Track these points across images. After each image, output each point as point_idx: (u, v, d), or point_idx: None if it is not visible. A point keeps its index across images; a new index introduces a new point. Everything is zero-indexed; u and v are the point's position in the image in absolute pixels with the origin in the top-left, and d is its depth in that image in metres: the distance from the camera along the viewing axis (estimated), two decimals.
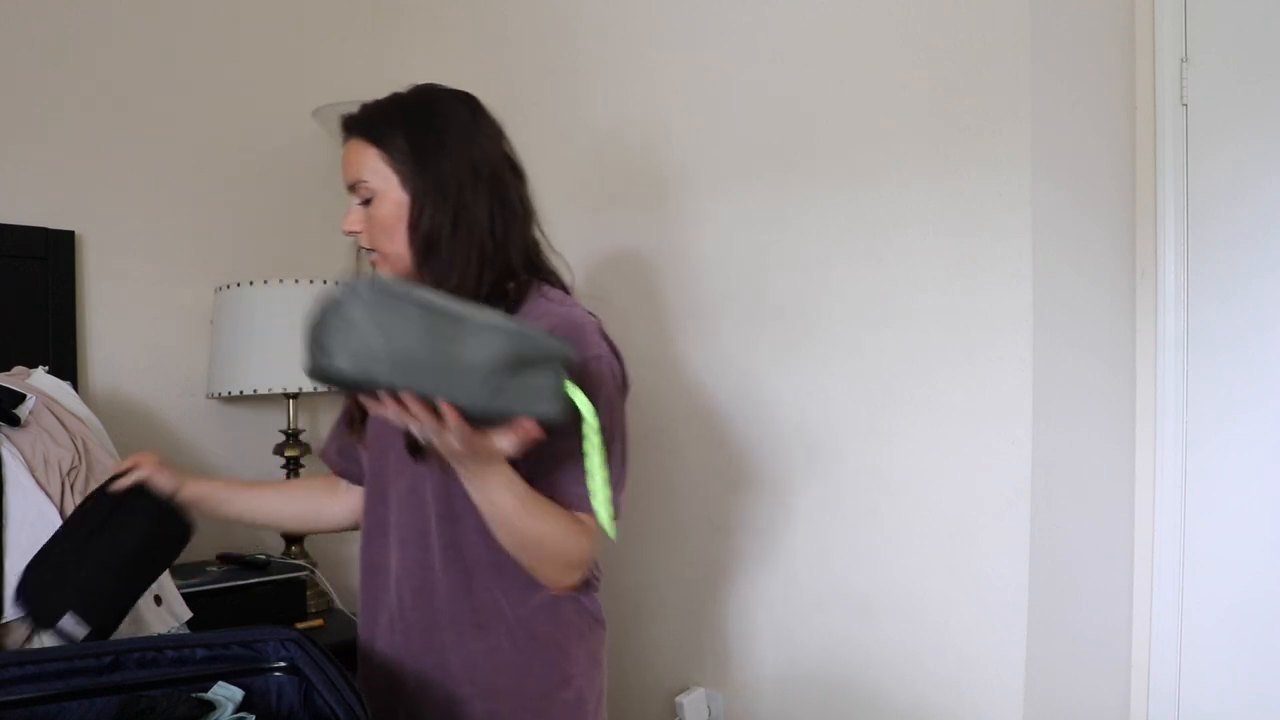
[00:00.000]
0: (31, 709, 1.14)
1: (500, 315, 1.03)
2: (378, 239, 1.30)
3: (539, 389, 0.98)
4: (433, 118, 1.31)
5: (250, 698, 1.22)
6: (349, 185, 1.32)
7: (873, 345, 1.73)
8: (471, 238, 1.26)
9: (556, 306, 1.27)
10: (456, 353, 0.93)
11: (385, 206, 1.29)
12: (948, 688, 1.65)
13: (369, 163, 1.30)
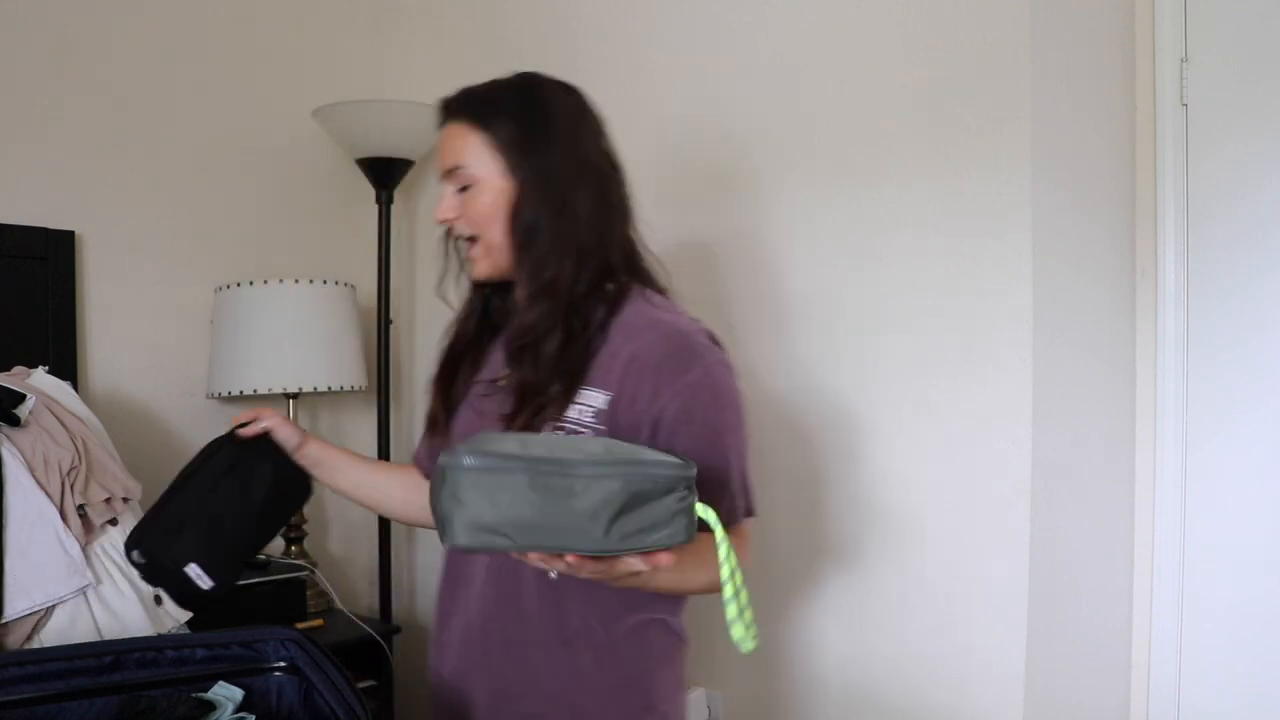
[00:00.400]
0: (32, 709, 1.14)
1: (611, 447, 0.99)
2: (477, 229, 1.25)
3: (661, 519, 0.95)
4: (540, 106, 1.25)
5: (250, 698, 1.22)
6: (446, 170, 1.26)
7: (873, 345, 1.73)
8: (573, 232, 1.22)
9: (661, 314, 1.22)
10: (569, 507, 0.91)
11: (485, 195, 1.24)
12: (948, 687, 1.65)
13: (471, 148, 1.24)
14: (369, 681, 2.14)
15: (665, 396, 1.16)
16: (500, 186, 1.22)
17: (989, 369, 1.60)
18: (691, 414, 1.16)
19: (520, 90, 1.25)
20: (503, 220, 1.23)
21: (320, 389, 2.14)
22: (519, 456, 0.92)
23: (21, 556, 1.44)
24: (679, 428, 1.16)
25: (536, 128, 1.23)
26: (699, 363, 1.18)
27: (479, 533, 0.92)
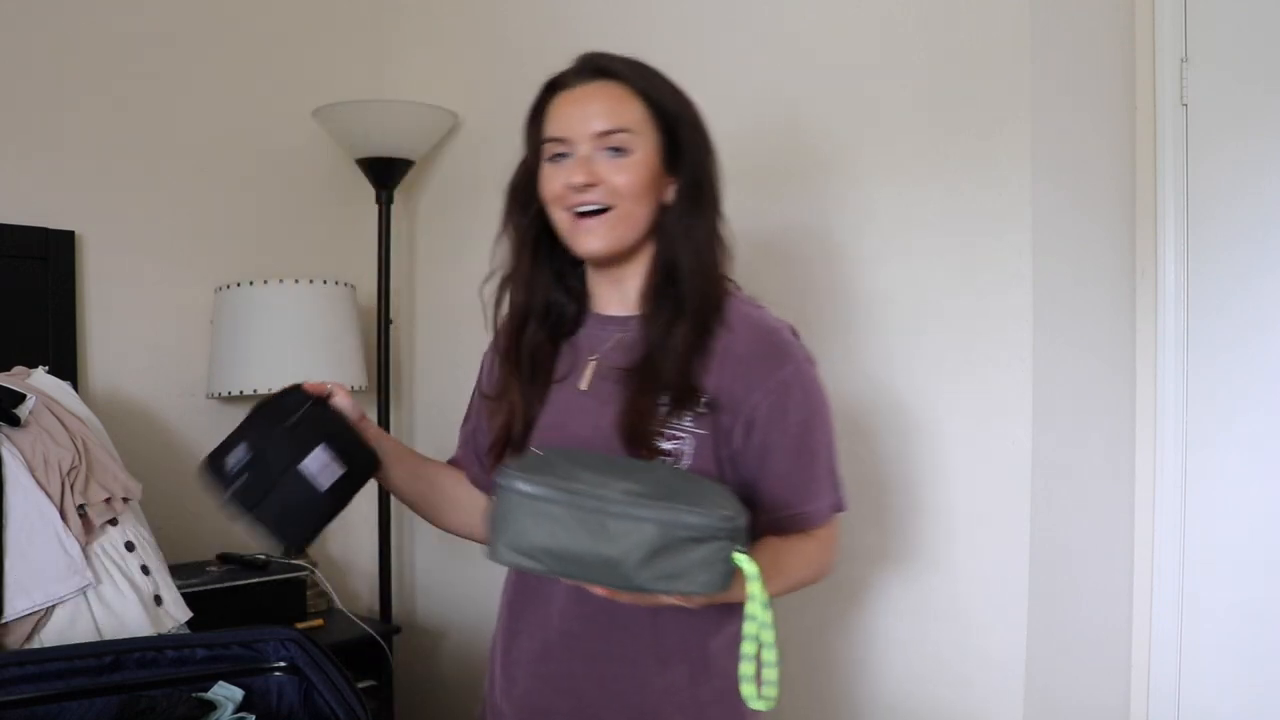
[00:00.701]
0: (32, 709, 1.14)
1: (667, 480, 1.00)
2: (620, 198, 1.14)
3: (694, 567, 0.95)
4: (687, 96, 1.20)
5: (250, 698, 1.22)
6: (600, 131, 1.14)
7: (872, 345, 1.73)
8: (720, 239, 1.19)
9: (754, 311, 1.20)
10: (602, 545, 0.93)
11: (643, 170, 1.15)
12: (948, 687, 1.65)
13: (634, 115, 1.15)
14: (369, 681, 2.14)
15: (758, 394, 1.14)
16: (657, 169, 1.16)
17: (989, 369, 1.60)
18: (785, 412, 1.15)
19: (668, 80, 1.20)
20: (650, 204, 1.16)
21: None
22: (564, 488, 0.93)
23: (21, 556, 1.44)
24: (772, 426, 1.15)
25: (696, 124, 1.19)
26: (790, 360, 1.16)
27: (517, 554, 0.94)
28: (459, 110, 2.40)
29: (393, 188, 2.37)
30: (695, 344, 1.14)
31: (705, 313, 1.16)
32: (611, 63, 1.17)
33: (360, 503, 2.66)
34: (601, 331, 1.22)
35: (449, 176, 2.51)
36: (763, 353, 1.16)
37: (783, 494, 1.17)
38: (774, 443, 1.15)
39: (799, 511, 1.18)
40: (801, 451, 1.17)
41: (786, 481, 1.17)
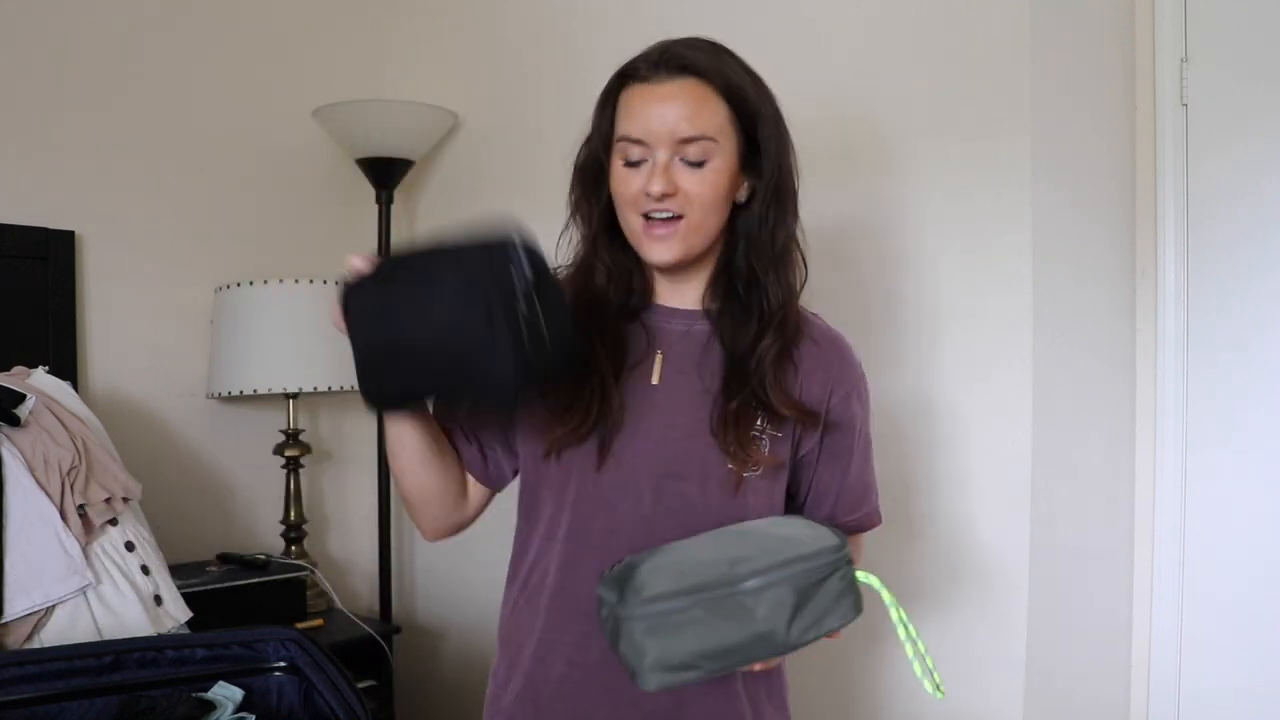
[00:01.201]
0: (32, 709, 1.14)
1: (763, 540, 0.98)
2: (695, 208, 1.08)
3: (831, 602, 0.97)
4: (769, 93, 1.13)
5: (250, 697, 1.22)
6: (683, 138, 1.07)
7: (872, 345, 1.73)
8: (796, 224, 1.16)
9: (819, 322, 1.22)
10: (749, 625, 0.92)
11: (723, 178, 1.09)
12: (949, 684, 1.65)
13: (717, 121, 1.08)
14: (369, 681, 2.14)
15: (834, 399, 1.17)
16: (735, 172, 1.10)
17: (989, 369, 1.60)
18: (855, 417, 1.19)
19: (747, 69, 1.13)
20: (723, 210, 1.11)
21: (320, 389, 2.14)
22: (690, 590, 0.92)
23: (21, 557, 1.44)
24: (846, 431, 1.18)
25: (776, 119, 1.13)
26: (857, 367, 1.20)
27: (671, 673, 0.92)
28: (459, 110, 2.40)
29: (393, 188, 2.37)
30: (783, 354, 1.14)
31: (793, 324, 1.15)
32: (694, 57, 1.10)
33: (361, 502, 2.67)
34: (666, 324, 1.17)
35: (449, 176, 2.50)
36: (837, 361, 1.18)
37: (850, 499, 1.23)
38: (846, 447, 1.19)
39: (863, 514, 1.25)
40: (860, 460, 1.22)
41: (856, 485, 1.22)
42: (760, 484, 1.14)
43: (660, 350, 1.16)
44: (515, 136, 2.29)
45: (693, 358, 1.15)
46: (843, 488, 1.22)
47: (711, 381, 1.13)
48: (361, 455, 2.53)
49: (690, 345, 1.15)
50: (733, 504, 1.12)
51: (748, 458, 1.11)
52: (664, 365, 1.15)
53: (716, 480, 1.12)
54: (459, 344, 0.98)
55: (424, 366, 1.03)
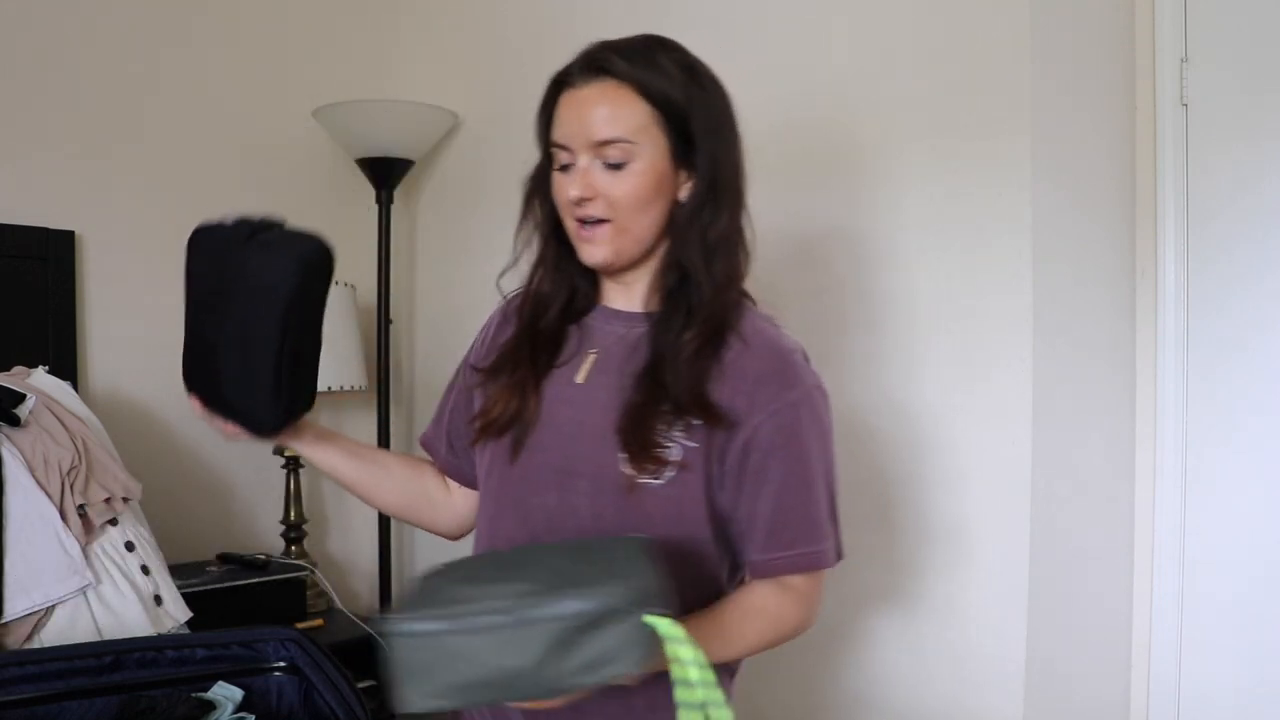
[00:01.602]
0: (32, 709, 1.14)
1: (553, 584, 0.89)
2: (623, 211, 1.08)
3: (617, 647, 0.86)
4: (712, 86, 1.11)
5: (250, 697, 1.22)
6: (596, 141, 1.07)
7: (872, 346, 1.73)
8: (740, 238, 1.12)
9: (769, 329, 1.12)
10: (510, 660, 0.86)
11: (646, 177, 1.07)
12: (948, 685, 1.65)
13: (635, 120, 1.06)
14: (369, 681, 2.14)
15: (761, 415, 1.06)
16: (665, 170, 1.08)
17: (989, 369, 1.60)
18: (788, 439, 1.06)
19: (686, 63, 1.11)
20: (656, 211, 1.09)
21: (320, 389, 2.14)
22: (449, 615, 0.86)
23: (21, 556, 1.44)
24: (772, 453, 1.06)
25: (714, 111, 1.10)
26: (800, 385, 1.08)
27: (430, 698, 0.87)
28: (459, 110, 2.40)
29: (393, 188, 2.37)
30: (703, 351, 1.08)
31: (716, 319, 1.09)
32: (612, 57, 1.09)
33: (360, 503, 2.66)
34: (606, 325, 1.17)
35: (449, 176, 2.51)
36: (773, 372, 1.08)
37: (783, 534, 1.08)
38: (771, 472, 1.07)
39: (797, 553, 1.08)
40: (800, 486, 1.08)
41: (787, 518, 1.08)
42: (665, 492, 1.06)
43: (595, 351, 1.15)
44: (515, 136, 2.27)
45: (621, 359, 1.12)
46: (770, 519, 1.07)
47: (628, 381, 1.10)
48: None
49: (624, 347, 1.14)
50: (628, 510, 1.06)
51: (646, 461, 1.05)
52: (593, 366, 1.14)
53: (610, 483, 1.07)
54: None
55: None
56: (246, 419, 1.16)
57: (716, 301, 1.10)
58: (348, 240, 2.50)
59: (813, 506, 1.09)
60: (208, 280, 1.21)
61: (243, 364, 1.14)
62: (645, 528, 1.06)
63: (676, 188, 1.11)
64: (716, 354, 1.08)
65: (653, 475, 1.05)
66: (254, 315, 1.16)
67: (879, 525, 1.73)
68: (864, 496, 1.74)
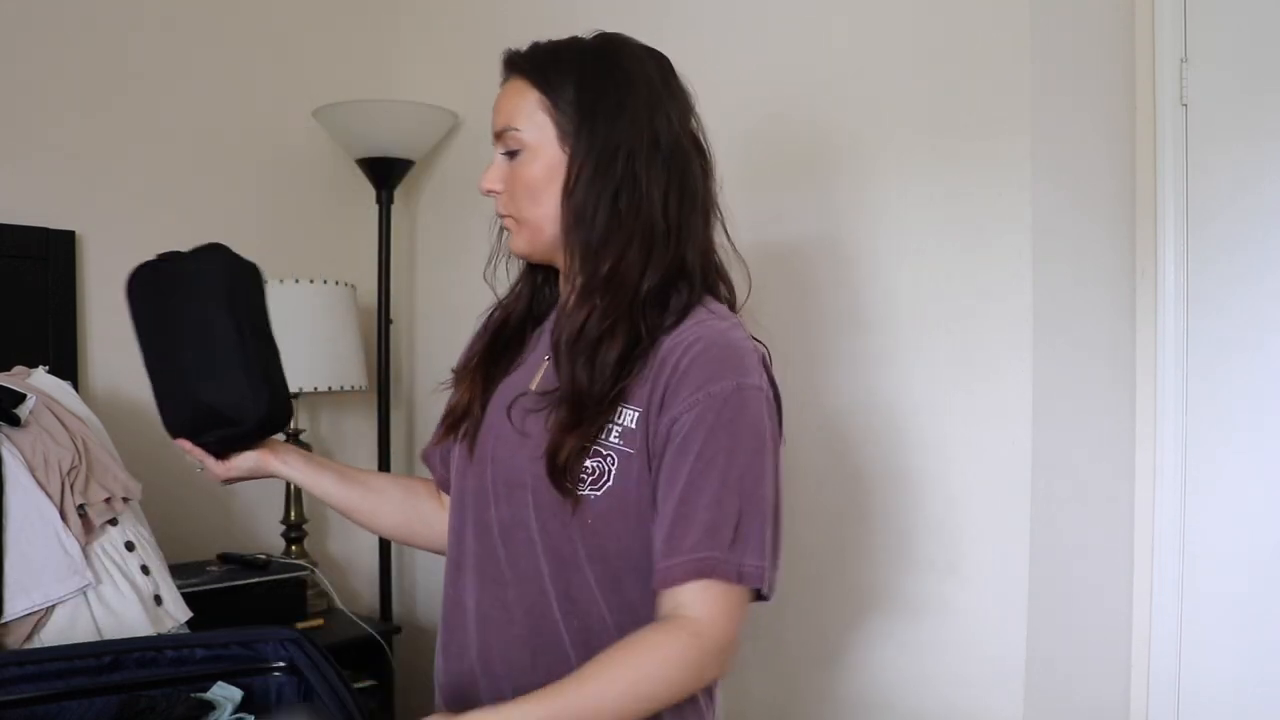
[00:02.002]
0: (31, 709, 1.14)
1: None
2: (520, 201, 1.09)
3: None
4: (614, 70, 1.09)
5: (250, 698, 1.22)
6: (496, 132, 1.10)
7: (872, 346, 1.73)
8: (639, 217, 1.03)
9: (716, 321, 1.04)
10: None
11: (535, 164, 1.07)
12: (948, 685, 1.65)
13: (525, 108, 1.08)
14: (369, 681, 2.14)
15: (682, 404, 0.98)
16: (554, 157, 1.07)
17: (989, 369, 1.60)
18: (705, 433, 0.97)
19: (595, 50, 1.11)
20: (554, 195, 1.07)
21: (320, 389, 2.14)
22: None
23: (21, 556, 1.44)
24: (687, 447, 0.97)
25: (606, 93, 1.06)
26: (731, 375, 0.99)
27: None
28: (459, 110, 2.40)
29: (393, 188, 2.37)
30: (607, 349, 1.01)
31: (619, 307, 1.02)
32: (515, 56, 1.13)
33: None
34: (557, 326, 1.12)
35: (449, 176, 2.51)
36: (703, 361, 1.00)
37: (671, 535, 0.97)
38: (681, 466, 0.97)
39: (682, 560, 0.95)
40: (705, 485, 0.97)
41: (680, 519, 0.97)
42: (606, 503, 1.01)
43: (549, 356, 1.10)
44: None
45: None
46: (671, 520, 0.97)
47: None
48: (361, 455, 2.53)
49: None
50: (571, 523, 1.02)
51: (560, 476, 0.99)
52: (545, 372, 1.11)
53: (548, 497, 1.02)
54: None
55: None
56: (236, 413, 1.18)
57: (609, 286, 1.03)
58: (348, 240, 2.51)
59: (714, 509, 0.96)
60: (152, 310, 1.24)
61: (210, 362, 1.18)
62: (591, 539, 1.02)
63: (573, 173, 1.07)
64: (633, 348, 1.02)
65: (590, 487, 1.01)
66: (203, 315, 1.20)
67: (879, 525, 1.73)
68: (863, 497, 1.74)
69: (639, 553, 1.02)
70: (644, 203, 1.04)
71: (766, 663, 1.87)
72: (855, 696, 1.76)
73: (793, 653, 1.84)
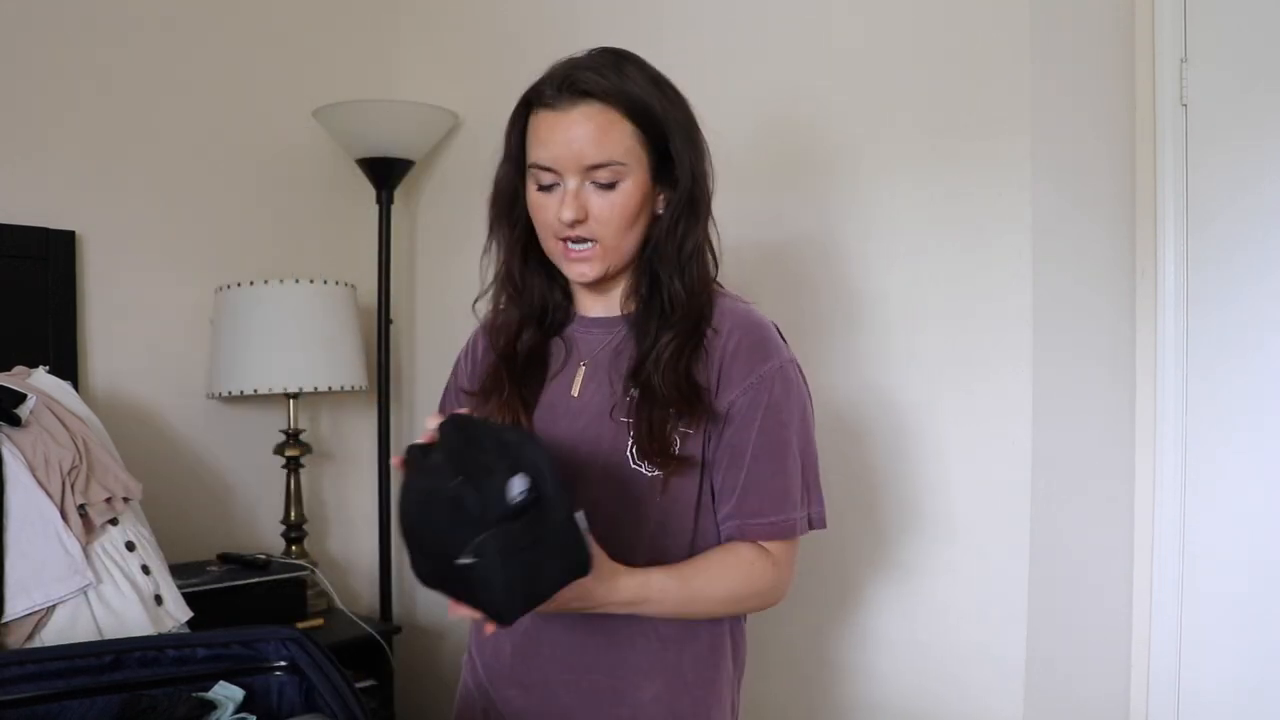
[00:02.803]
0: (32, 708, 1.14)
1: None
2: (610, 230, 1.11)
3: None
4: (671, 89, 1.14)
5: (251, 697, 1.22)
6: (590, 165, 1.09)
7: (873, 346, 1.73)
8: (711, 244, 1.17)
9: (739, 306, 1.18)
10: None
11: (635, 195, 1.11)
12: (948, 685, 1.65)
13: (622, 141, 1.09)
14: (369, 681, 2.14)
15: (738, 389, 1.12)
16: (647, 186, 1.12)
17: (989, 369, 1.60)
18: (762, 409, 1.12)
19: (651, 74, 1.13)
20: (640, 226, 1.13)
21: (320, 389, 2.14)
22: None
23: (22, 556, 1.44)
24: (747, 423, 1.12)
25: (683, 124, 1.13)
26: (774, 356, 1.14)
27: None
28: (459, 110, 2.40)
29: (393, 188, 2.37)
30: (683, 349, 1.12)
31: (691, 320, 1.14)
32: (593, 81, 1.09)
33: (361, 502, 2.66)
34: (589, 335, 1.21)
35: (449, 176, 2.51)
36: (747, 347, 1.13)
37: (754, 501, 1.13)
38: (746, 440, 1.12)
39: (769, 520, 1.13)
40: (775, 454, 1.13)
41: (761, 486, 1.12)
42: (676, 482, 1.13)
43: (584, 362, 1.19)
44: None
45: (608, 364, 1.17)
46: (744, 487, 1.13)
47: (618, 383, 1.15)
48: (361, 455, 2.53)
49: (609, 352, 1.18)
50: (649, 504, 1.12)
51: (655, 456, 1.10)
52: (585, 377, 1.19)
53: (630, 482, 1.12)
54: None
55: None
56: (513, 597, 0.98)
57: (691, 305, 1.14)
58: (348, 240, 2.51)
59: (784, 476, 1.13)
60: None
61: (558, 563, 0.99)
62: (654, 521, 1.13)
63: (654, 203, 1.15)
64: (696, 349, 1.13)
65: (663, 468, 1.11)
66: None
67: (878, 525, 1.73)
68: (863, 496, 1.74)
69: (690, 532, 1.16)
70: (709, 229, 1.17)
71: (766, 663, 1.87)
72: (855, 697, 1.76)
73: (792, 653, 1.84)
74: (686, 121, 1.14)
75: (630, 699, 1.15)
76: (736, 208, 1.89)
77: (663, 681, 1.16)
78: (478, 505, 0.90)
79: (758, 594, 1.16)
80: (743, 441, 1.12)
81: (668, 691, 1.16)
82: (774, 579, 1.15)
